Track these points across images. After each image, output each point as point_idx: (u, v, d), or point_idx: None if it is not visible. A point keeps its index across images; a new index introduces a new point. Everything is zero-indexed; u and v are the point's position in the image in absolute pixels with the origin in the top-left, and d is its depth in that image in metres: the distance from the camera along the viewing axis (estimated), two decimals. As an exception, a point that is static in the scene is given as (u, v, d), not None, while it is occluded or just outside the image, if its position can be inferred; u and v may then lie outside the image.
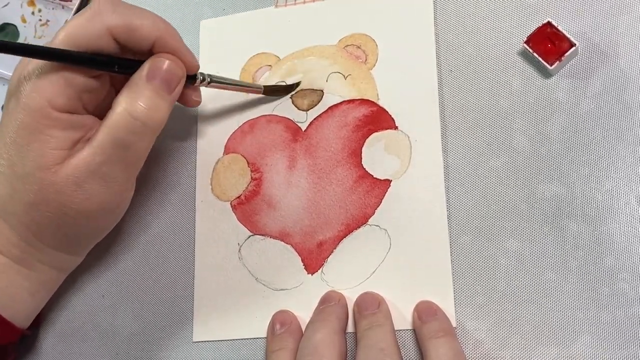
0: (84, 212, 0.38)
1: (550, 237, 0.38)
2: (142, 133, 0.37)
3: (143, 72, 0.37)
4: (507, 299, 0.38)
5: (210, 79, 0.41)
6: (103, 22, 0.36)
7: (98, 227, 0.41)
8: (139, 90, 0.37)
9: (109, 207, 0.39)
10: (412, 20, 0.43)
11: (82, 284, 0.47)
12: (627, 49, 0.39)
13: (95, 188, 0.37)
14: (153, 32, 0.37)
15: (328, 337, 0.37)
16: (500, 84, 0.41)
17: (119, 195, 0.39)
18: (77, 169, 0.36)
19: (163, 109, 0.38)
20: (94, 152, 0.36)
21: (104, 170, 0.37)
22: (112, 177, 0.38)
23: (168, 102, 0.38)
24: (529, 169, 0.39)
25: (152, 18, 0.38)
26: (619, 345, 0.35)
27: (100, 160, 0.37)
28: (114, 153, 0.37)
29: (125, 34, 0.37)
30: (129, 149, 0.37)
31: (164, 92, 0.38)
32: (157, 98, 0.37)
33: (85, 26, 0.36)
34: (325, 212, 0.42)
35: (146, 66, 0.38)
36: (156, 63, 0.38)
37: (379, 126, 0.42)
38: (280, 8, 0.47)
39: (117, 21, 0.36)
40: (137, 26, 0.37)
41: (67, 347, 0.46)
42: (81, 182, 0.37)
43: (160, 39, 0.37)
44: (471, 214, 0.39)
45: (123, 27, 0.37)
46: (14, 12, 0.54)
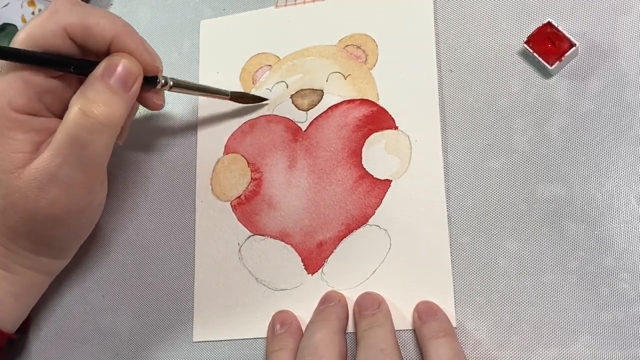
0: (51, 217, 0.37)
1: (550, 237, 0.38)
2: (99, 132, 0.36)
3: (98, 70, 0.37)
4: (507, 299, 0.38)
5: (173, 83, 0.41)
6: (59, 21, 0.36)
7: (70, 230, 0.40)
8: (94, 89, 0.36)
9: (76, 210, 0.38)
10: (412, 20, 0.43)
11: (81, 284, 0.47)
12: (627, 49, 0.39)
13: (57, 192, 0.36)
14: (109, 32, 0.37)
15: (328, 337, 0.37)
16: (500, 84, 0.41)
17: (83, 198, 0.38)
18: (37, 172, 0.36)
19: (119, 107, 0.37)
20: (52, 154, 0.36)
21: (64, 172, 0.36)
22: (73, 179, 0.37)
23: (124, 100, 0.37)
24: (529, 169, 0.39)
25: (109, 17, 0.37)
26: (619, 345, 0.35)
27: (58, 162, 0.36)
28: (72, 153, 0.36)
29: (81, 33, 0.36)
30: (87, 148, 0.36)
31: (119, 90, 0.37)
32: (113, 96, 0.37)
33: (43, 25, 0.36)
34: (326, 212, 0.42)
35: (102, 65, 0.37)
36: (111, 61, 0.37)
37: (379, 126, 0.42)
38: (280, 8, 0.47)
39: (73, 20, 0.36)
40: (93, 25, 0.36)
41: (68, 347, 0.46)
42: (43, 185, 0.36)
43: (117, 38, 0.37)
44: (471, 214, 0.39)
45: (79, 26, 0.36)
46: (14, 12, 0.53)
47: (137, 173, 0.48)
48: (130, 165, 0.48)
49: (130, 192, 0.47)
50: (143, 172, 0.48)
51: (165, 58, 0.49)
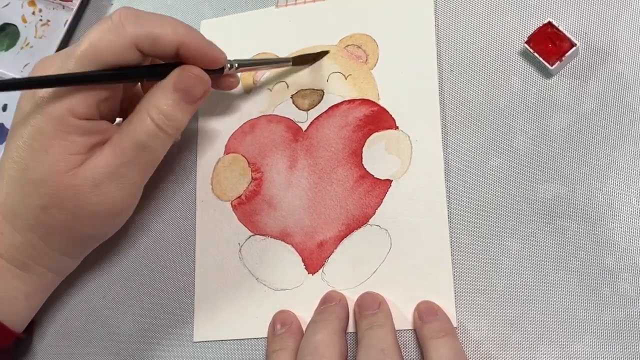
0: (97, 213, 0.39)
1: (551, 237, 0.38)
2: (163, 139, 0.39)
3: (169, 82, 0.38)
4: (508, 298, 0.38)
5: (237, 64, 0.42)
6: (127, 35, 0.36)
7: (107, 228, 0.42)
8: (164, 99, 0.38)
9: (120, 208, 0.40)
10: (412, 20, 0.43)
11: (83, 285, 0.47)
12: (627, 49, 0.39)
13: (110, 189, 0.38)
14: (175, 39, 0.38)
15: (328, 337, 0.37)
16: (500, 83, 0.41)
17: (130, 197, 0.40)
18: (96, 170, 0.38)
19: (184, 119, 0.39)
20: (114, 155, 0.38)
21: (122, 171, 0.38)
22: (127, 179, 0.39)
23: (189, 112, 0.39)
24: (530, 169, 0.39)
25: (172, 24, 0.38)
26: (620, 345, 0.35)
27: (120, 162, 0.38)
28: (133, 155, 0.38)
29: (149, 44, 0.37)
30: (148, 152, 0.39)
31: (187, 103, 0.39)
32: (179, 108, 0.38)
33: (109, 39, 0.36)
34: (326, 212, 0.42)
35: (173, 76, 0.38)
36: (182, 76, 0.38)
37: (380, 126, 0.42)
38: (281, 8, 0.47)
39: (140, 32, 0.37)
40: (158, 35, 0.37)
41: (68, 348, 0.46)
42: (99, 182, 0.38)
43: (182, 44, 0.38)
44: (472, 213, 0.39)
45: (146, 38, 0.37)
46: (15, 12, 0.54)
47: (137, 173, 0.47)
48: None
49: (131, 192, 0.47)
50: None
51: (165, 58, 0.49)
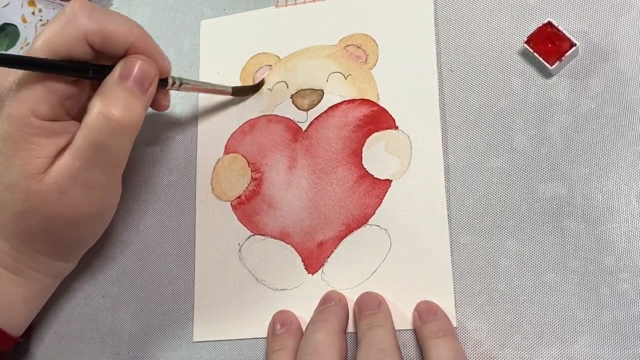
0: (70, 219, 0.38)
1: (550, 237, 0.38)
2: (118, 134, 0.37)
3: (115, 73, 0.37)
4: (508, 298, 0.38)
5: (180, 82, 0.41)
6: (78, 27, 0.36)
7: (87, 233, 0.41)
8: (112, 92, 0.37)
9: (95, 213, 0.39)
10: (412, 20, 0.43)
11: (82, 285, 0.47)
12: (627, 48, 0.39)
13: (79, 194, 0.37)
14: (128, 38, 0.37)
15: (328, 337, 0.37)
16: (500, 83, 0.41)
17: (103, 200, 0.39)
18: (59, 175, 0.36)
19: (137, 109, 0.37)
20: (73, 157, 0.36)
21: (85, 174, 0.37)
22: (94, 181, 0.37)
23: (142, 101, 0.38)
24: (530, 169, 0.39)
25: (127, 23, 0.37)
26: (619, 345, 0.35)
27: (80, 164, 0.36)
28: (93, 156, 0.36)
29: (100, 40, 0.36)
30: (107, 150, 0.37)
31: (137, 92, 0.37)
32: (131, 98, 0.37)
33: (61, 32, 0.36)
34: (326, 212, 0.42)
35: (118, 67, 0.37)
36: (128, 64, 0.37)
37: (380, 126, 0.42)
38: (281, 8, 0.47)
39: (92, 26, 0.36)
40: (111, 31, 0.37)
41: (68, 348, 0.46)
42: (65, 188, 0.36)
43: (134, 44, 0.37)
44: (471, 213, 0.39)
45: (98, 33, 0.36)
46: (15, 12, 0.53)
47: (137, 173, 0.48)
48: (130, 166, 0.47)
49: (131, 192, 0.47)
50: (143, 172, 0.48)
51: (165, 58, 0.49)
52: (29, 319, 0.43)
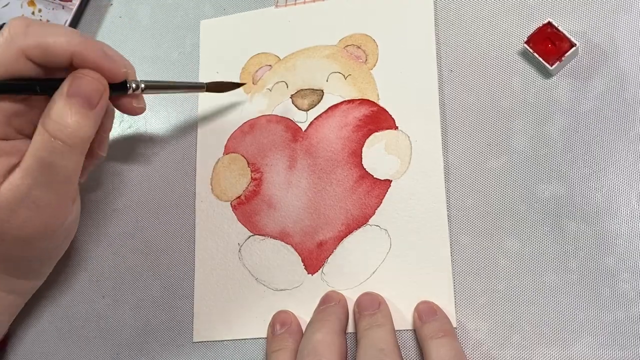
0: (21, 238, 0.37)
1: (550, 237, 0.38)
2: (67, 152, 0.36)
3: (62, 90, 0.36)
4: (508, 299, 0.38)
5: (144, 85, 0.39)
6: (16, 45, 0.35)
7: (42, 251, 0.40)
8: (59, 110, 0.35)
9: (46, 231, 0.38)
10: (412, 20, 0.43)
11: (82, 285, 0.47)
12: (627, 48, 0.39)
13: (28, 214, 0.36)
14: (67, 48, 0.36)
15: (328, 337, 0.37)
16: (500, 84, 0.41)
17: (55, 218, 0.38)
18: (8, 194, 0.35)
19: (86, 126, 0.36)
20: (21, 176, 0.35)
21: (34, 194, 0.36)
22: (43, 200, 0.36)
23: (91, 118, 0.36)
24: (529, 169, 0.39)
25: (66, 34, 0.36)
26: (619, 345, 0.35)
27: (28, 183, 0.35)
28: (41, 175, 0.35)
29: (39, 54, 0.35)
30: (56, 169, 0.36)
31: (84, 109, 0.36)
32: (78, 116, 0.36)
33: (0, 52, 0.35)
34: (326, 212, 0.42)
35: (65, 84, 0.36)
36: (75, 80, 0.36)
37: (379, 126, 0.42)
38: (281, 8, 0.47)
39: (29, 42, 0.35)
40: (49, 44, 0.35)
41: (68, 348, 0.46)
42: (14, 207, 0.35)
43: (77, 53, 0.36)
44: (471, 213, 0.39)
45: (36, 48, 0.35)
46: (14, 12, 0.54)
47: (137, 173, 0.48)
48: (130, 166, 0.48)
49: (131, 192, 0.47)
50: (143, 172, 0.48)
51: (165, 58, 0.49)
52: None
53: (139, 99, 0.40)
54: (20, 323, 0.47)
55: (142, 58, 0.50)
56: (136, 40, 0.50)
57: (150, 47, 0.50)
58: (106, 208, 0.47)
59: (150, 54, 0.50)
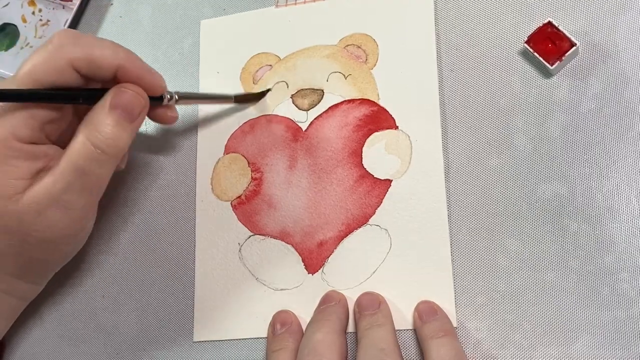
0: (45, 240, 0.38)
1: (550, 237, 0.38)
2: (103, 161, 0.37)
3: (106, 102, 0.38)
4: (508, 298, 0.38)
5: (177, 96, 0.41)
6: (64, 55, 0.36)
7: (60, 254, 0.41)
8: (101, 120, 0.37)
9: (70, 234, 0.39)
10: (412, 20, 0.43)
11: (82, 284, 0.47)
12: (627, 48, 0.39)
13: (56, 215, 0.37)
14: (114, 62, 0.37)
15: (328, 337, 0.37)
16: (500, 83, 0.41)
17: (79, 222, 0.39)
18: (38, 196, 0.36)
19: (124, 138, 0.38)
20: (55, 180, 0.36)
21: (65, 197, 0.37)
22: (72, 205, 0.37)
23: (129, 131, 0.38)
24: (530, 169, 0.39)
25: (112, 47, 0.38)
26: (619, 345, 0.35)
27: (61, 187, 0.37)
28: (75, 181, 0.37)
29: (86, 66, 0.37)
30: (90, 176, 0.37)
31: (125, 122, 0.38)
32: (118, 127, 0.37)
33: (48, 61, 0.36)
34: (326, 212, 0.42)
35: (109, 96, 0.38)
36: (118, 93, 0.38)
37: (380, 126, 0.42)
38: (281, 8, 0.47)
39: (78, 54, 0.36)
40: (97, 57, 0.37)
41: (68, 348, 0.46)
42: (42, 209, 0.37)
43: (121, 67, 0.38)
44: (471, 213, 0.39)
45: (84, 60, 0.37)
46: (15, 11, 0.54)
47: (137, 173, 0.48)
48: (130, 166, 0.48)
49: (131, 192, 0.47)
50: (143, 172, 0.48)
51: (165, 58, 0.49)
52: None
53: (172, 109, 0.42)
54: (20, 323, 0.47)
55: (142, 58, 0.49)
56: (136, 40, 0.50)
57: (151, 47, 0.50)
58: (106, 208, 0.47)
59: (151, 53, 0.50)
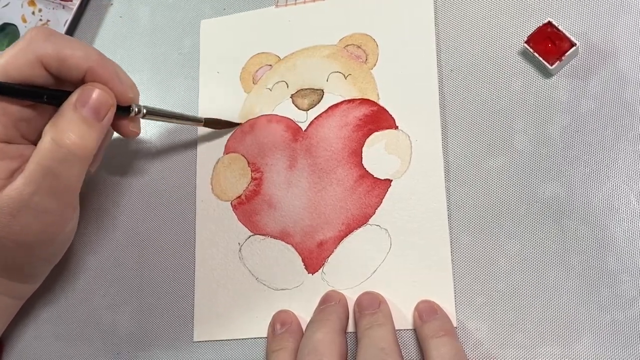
0: (22, 243, 0.37)
1: (550, 237, 0.38)
2: (71, 161, 0.36)
3: (72, 100, 0.37)
4: (508, 298, 0.38)
5: (146, 110, 0.40)
6: (34, 51, 0.36)
7: (41, 256, 0.40)
8: (67, 119, 0.36)
9: (47, 237, 0.38)
10: (412, 20, 0.43)
11: (82, 284, 0.47)
12: (627, 48, 0.39)
13: (28, 219, 0.36)
14: (84, 63, 0.37)
15: (328, 337, 0.37)
16: (500, 83, 0.41)
17: (55, 225, 0.38)
18: (10, 199, 0.36)
19: (91, 137, 0.37)
20: (24, 182, 0.36)
21: (36, 200, 0.36)
22: (44, 207, 0.37)
23: (97, 130, 0.37)
24: (530, 169, 0.39)
25: (83, 49, 0.37)
26: (620, 345, 0.35)
27: (31, 190, 0.36)
28: (44, 182, 0.36)
29: (56, 64, 0.36)
30: (59, 178, 0.36)
31: (92, 120, 0.37)
32: (85, 126, 0.36)
33: (18, 56, 0.36)
34: (326, 212, 0.42)
35: (75, 95, 0.37)
36: (85, 91, 0.37)
37: (380, 126, 0.42)
38: (281, 8, 0.47)
39: (47, 50, 0.36)
40: (67, 56, 0.36)
41: (68, 347, 0.46)
42: (15, 212, 0.36)
43: (91, 69, 0.37)
44: (471, 213, 0.39)
45: (54, 57, 0.36)
46: (15, 11, 0.54)
47: (137, 173, 0.48)
48: (130, 166, 0.48)
49: (130, 192, 0.47)
50: (143, 172, 0.48)
51: (165, 58, 0.49)
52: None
53: (135, 123, 0.41)
54: (20, 323, 0.47)
55: (142, 58, 0.50)
56: (136, 40, 0.50)
57: (151, 47, 0.50)
58: (106, 207, 0.47)
59: (151, 53, 0.50)
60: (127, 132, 0.41)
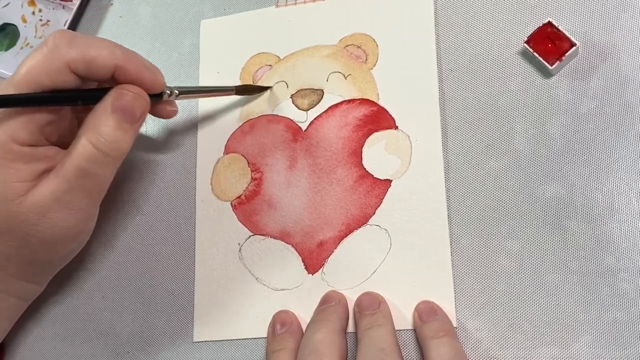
0: (48, 241, 0.38)
1: (550, 237, 0.38)
2: (105, 163, 0.38)
3: (106, 103, 0.37)
4: (508, 298, 0.38)
5: (178, 91, 0.41)
6: (61, 57, 0.36)
7: (61, 254, 0.41)
8: (102, 122, 0.37)
9: (72, 235, 0.39)
10: (412, 20, 0.43)
11: (82, 285, 0.47)
12: (627, 48, 0.39)
13: (59, 216, 0.37)
14: (111, 62, 0.37)
15: (328, 337, 0.37)
16: (500, 83, 0.41)
17: (81, 223, 0.39)
18: (41, 198, 0.37)
19: (126, 140, 0.38)
20: (58, 182, 0.37)
21: (68, 198, 0.37)
22: (75, 205, 0.38)
23: (130, 133, 0.38)
24: (530, 169, 0.39)
25: (109, 47, 0.37)
26: (619, 345, 0.35)
27: (64, 189, 0.37)
28: (78, 182, 0.37)
29: (83, 67, 0.37)
30: (92, 178, 0.38)
31: (126, 124, 0.38)
32: (120, 130, 0.37)
33: (44, 63, 0.36)
34: (326, 212, 0.42)
35: (109, 98, 0.38)
36: (119, 95, 0.38)
37: (380, 126, 0.42)
38: (281, 8, 0.47)
39: (74, 55, 0.36)
40: (94, 57, 0.37)
41: (68, 347, 0.46)
42: (46, 211, 0.37)
43: (119, 67, 0.37)
44: (471, 213, 0.39)
45: (81, 61, 0.36)
46: (15, 12, 0.54)
47: (137, 173, 0.48)
48: (130, 166, 0.48)
49: (131, 192, 0.47)
50: (143, 172, 0.48)
51: (165, 58, 0.49)
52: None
53: (172, 104, 0.42)
54: (21, 323, 0.47)
55: (142, 58, 0.50)
56: (136, 40, 0.50)
57: (151, 47, 0.50)
58: (105, 207, 0.47)
59: (151, 53, 0.50)
60: (167, 113, 0.42)
